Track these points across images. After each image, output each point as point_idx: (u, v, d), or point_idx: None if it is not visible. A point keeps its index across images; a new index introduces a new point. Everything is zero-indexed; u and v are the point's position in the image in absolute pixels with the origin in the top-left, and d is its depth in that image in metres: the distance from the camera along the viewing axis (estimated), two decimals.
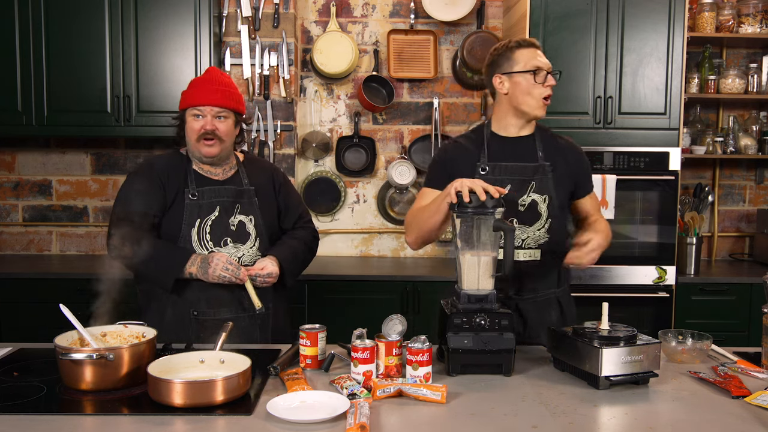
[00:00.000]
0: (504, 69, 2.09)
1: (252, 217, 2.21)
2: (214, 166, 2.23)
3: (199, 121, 2.13)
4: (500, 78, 2.10)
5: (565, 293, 2.26)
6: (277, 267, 2.16)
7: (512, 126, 2.15)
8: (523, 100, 2.07)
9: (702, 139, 3.81)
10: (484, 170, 2.10)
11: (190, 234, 2.14)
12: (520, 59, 2.07)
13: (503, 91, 2.10)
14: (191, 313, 2.14)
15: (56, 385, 1.66)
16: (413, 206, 2.16)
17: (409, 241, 2.15)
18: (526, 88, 2.06)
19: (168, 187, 2.16)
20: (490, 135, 2.16)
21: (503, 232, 1.82)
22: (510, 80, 2.08)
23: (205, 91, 2.13)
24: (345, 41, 3.77)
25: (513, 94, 2.09)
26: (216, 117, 2.14)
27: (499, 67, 2.10)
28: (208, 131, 2.12)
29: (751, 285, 3.44)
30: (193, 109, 2.14)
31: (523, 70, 2.06)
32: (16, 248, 3.96)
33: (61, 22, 3.43)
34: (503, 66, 2.09)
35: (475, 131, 2.22)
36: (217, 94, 2.13)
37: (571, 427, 1.45)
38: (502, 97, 2.12)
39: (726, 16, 3.64)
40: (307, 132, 3.91)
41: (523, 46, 2.09)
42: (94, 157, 3.93)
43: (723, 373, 1.77)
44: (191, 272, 2.10)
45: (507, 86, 2.09)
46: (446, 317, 1.82)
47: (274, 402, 1.51)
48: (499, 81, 2.10)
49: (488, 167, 2.10)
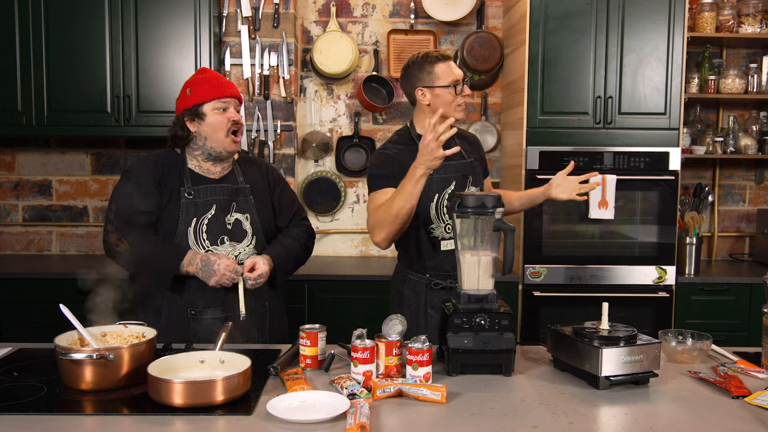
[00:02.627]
0: (425, 82, 2.25)
1: (248, 215, 2.21)
2: (214, 164, 2.22)
3: (225, 114, 2.13)
4: (422, 91, 2.27)
5: None
6: (268, 266, 2.13)
7: None
8: (446, 110, 2.20)
9: (702, 139, 3.81)
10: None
11: (186, 232, 2.13)
12: (440, 74, 2.24)
13: (425, 102, 2.27)
14: (188, 312, 2.14)
15: (56, 385, 1.66)
16: (372, 208, 2.22)
17: (378, 241, 2.20)
18: (447, 99, 2.25)
19: (163, 185, 2.14)
20: (418, 137, 2.28)
21: (503, 232, 1.82)
22: (431, 92, 2.26)
23: (222, 85, 2.14)
24: (345, 41, 3.77)
25: (434, 105, 2.24)
26: (237, 110, 2.17)
27: (420, 80, 2.26)
28: (238, 122, 2.14)
29: (751, 285, 3.44)
30: (217, 102, 2.12)
31: (445, 84, 2.24)
32: (16, 248, 3.96)
33: (61, 22, 3.43)
34: (424, 79, 2.25)
35: (401, 135, 2.35)
36: (232, 87, 2.16)
37: (571, 427, 1.45)
38: (425, 107, 2.29)
39: (726, 16, 3.64)
40: (307, 132, 3.91)
41: (441, 60, 2.25)
42: (94, 157, 3.93)
43: (723, 373, 1.77)
44: (189, 271, 2.09)
45: (429, 98, 2.26)
46: (446, 317, 1.82)
47: (274, 402, 1.51)
48: (422, 93, 2.27)
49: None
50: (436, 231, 2.31)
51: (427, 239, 2.31)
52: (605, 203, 3.35)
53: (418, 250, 2.34)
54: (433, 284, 2.33)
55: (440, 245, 2.32)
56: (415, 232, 2.31)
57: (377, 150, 2.38)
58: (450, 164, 2.28)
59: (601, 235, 3.45)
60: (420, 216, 2.27)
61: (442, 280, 2.32)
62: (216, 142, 2.15)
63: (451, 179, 2.30)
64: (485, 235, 1.85)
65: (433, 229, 2.31)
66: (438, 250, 2.32)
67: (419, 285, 2.36)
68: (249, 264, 2.11)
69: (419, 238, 2.32)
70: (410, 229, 2.25)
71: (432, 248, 2.32)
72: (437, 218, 2.30)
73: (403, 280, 2.41)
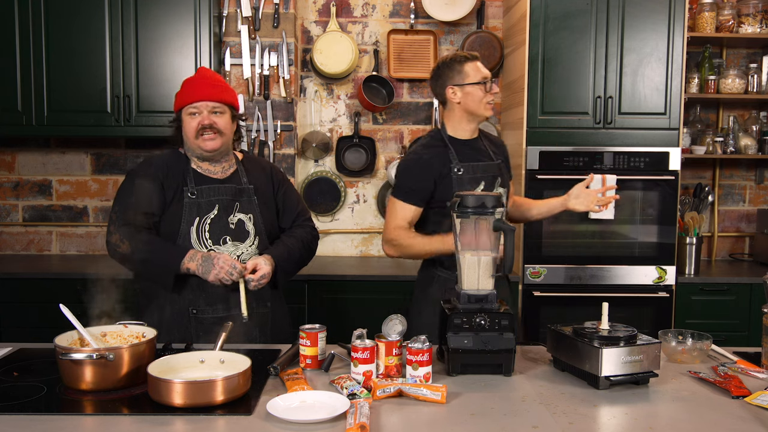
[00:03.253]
0: (456, 81, 2.34)
1: (251, 215, 2.21)
2: (213, 164, 2.22)
3: (196, 118, 2.14)
4: (453, 89, 2.34)
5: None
6: (270, 266, 2.13)
7: (466, 130, 2.41)
8: (476, 107, 2.34)
9: (702, 139, 3.81)
10: (459, 171, 2.33)
11: (189, 232, 2.14)
12: (469, 72, 2.33)
13: (456, 100, 2.35)
14: (190, 311, 2.14)
15: (56, 385, 1.66)
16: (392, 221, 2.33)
17: (389, 254, 2.38)
18: (477, 96, 2.33)
19: (167, 185, 2.16)
20: (449, 139, 2.39)
21: (503, 232, 1.82)
22: (462, 90, 2.34)
23: (199, 88, 2.15)
24: (345, 41, 3.77)
25: (465, 103, 2.34)
26: (212, 112, 2.15)
27: (451, 79, 2.35)
28: (206, 125, 2.13)
29: (751, 285, 3.44)
30: (189, 108, 2.15)
31: (474, 81, 2.32)
32: (16, 248, 3.96)
33: (61, 21, 3.43)
34: (454, 78, 2.34)
35: (433, 137, 2.43)
36: (211, 89, 2.15)
37: (571, 427, 1.45)
38: (455, 105, 2.37)
39: (726, 16, 3.64)
40: (307, 132, 3.91)
41: (470, 59, 2.35)
42: (94, 157, 3.93)
43: (723, 373, 1.77)
44: (189, 267, 2.09)
45: (459, 96, 2.35)
46: (446, 317, 1.82)
47: (274, 402, 1.51)
48: (452, 92, 2.35)
49: (462, 168, 2.34)
50: None
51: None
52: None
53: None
54: None
55: None
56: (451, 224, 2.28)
57: (409, 153, 2.46)
58: (479, 165, 2.37)
59: (601, 235, 3.45)
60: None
61: None
62: (190, 144, 2.19)
63: (481, 179, 2.36)
64: (485, 235, 1.85)
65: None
66: None
67: (449, 282, 2.33)
68: (251, 265, 2.11)
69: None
70: (439, 228, 2.32)
71: None
72: None
73: (431, 278, 2.40)
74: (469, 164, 2.35)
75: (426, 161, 2.34)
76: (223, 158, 2.24)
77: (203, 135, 2.14)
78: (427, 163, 2.33)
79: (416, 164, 2.35)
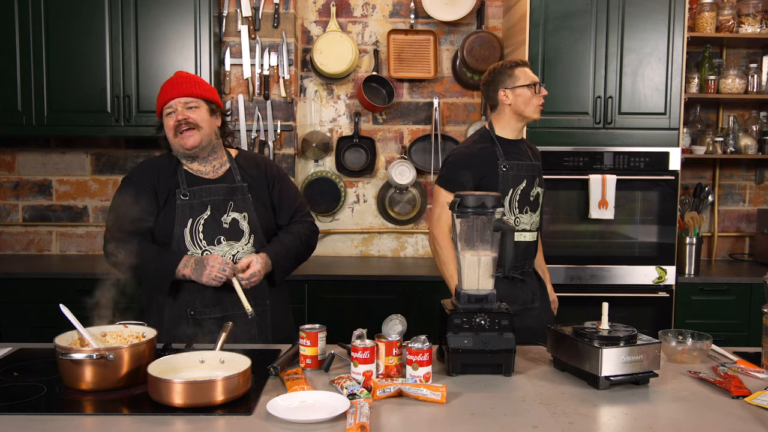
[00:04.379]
0: (507, 84, 2.50)
1: (245, 214, 2.20)
2: (204, 164, 2.22)
3: (172, 116, 2.14)
4: (504, 92, 2.50)
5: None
6: (261, 265, 2.12)
7: (514, 130, 2.56)
8: (525, 108, 2.49)
9: (702, 139, 3.81)
10: (505, 167, 2.48)
11: (183, 234, 2.14)
12: (520, 75, 2.49)
13: (507, 102, 2.50)
14: (188, 313, 2.14)
15: (56, 385, 1.66)
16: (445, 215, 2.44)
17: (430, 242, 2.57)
18: (527, 98, 2.49)
19: (159, 189, 2.17)
20: (497, 138, 2.54)
21: (503, 232, 1.82)
22: (513, 93, 2.49)
23: (171, 87, 2.16)
24: (345, 41, 3.77)
25: (515, 104, 2.49)
26: (187, 107, 2.14)
27: (502, 82, 2.51)
28: (180, 121, 2.13)
29: (751, 285, 3.44)
30: (165, 109, 2.16)
31: (525, 84, 2.48)
32: (16, 248, 3.96)
33: (61, 22, 3.43)
34: (506, 81, 2.50)
35: (482, 135, 2.58)
36: (182, 86, 2.15)
37: (571, 427, 1.45)
38: (506, 107, 2.52)
39: (726, 16, 3.64)
40: (307, 132, 3.91)
41: (521, 65, 2.52)
42: (94, 157, 3.93)
43: (723, 373, 1.77)
44: (185, 274, 2.10)
45: (510, 98, 2.50)
46: (446, 317, 1.82)
47: (274, 402, 1.51)
48: (504, 94, 2.50)
49: (508, 165, 2.48)
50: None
51: None
52: (605, 203, 3.35)
53: None
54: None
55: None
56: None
57: (459, 146, 2.61)
58: (522, 164, 2.52)
59: (601, 235, 3.45)
60: None
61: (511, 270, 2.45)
62: (173, 145, 2.19)
63: (523, 177, 2.51)
64: (485, 235, 1.85)
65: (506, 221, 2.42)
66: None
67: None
68: (243, 263, 2.10)
69: None
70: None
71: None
72: (509, 212, 2.50)
73: None
74: (514, 162, 2.50)
75: (475, 155, 2.49)
76: (212, 157, 2.23)
77: (181, 132, 2.14)
78: (476, 157, 2.48)
79: (466, 157, 2.50)
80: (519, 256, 2.48)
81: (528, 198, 2.51)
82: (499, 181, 2.45)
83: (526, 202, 2.50)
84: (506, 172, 2.47)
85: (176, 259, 2.10)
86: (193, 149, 2.15)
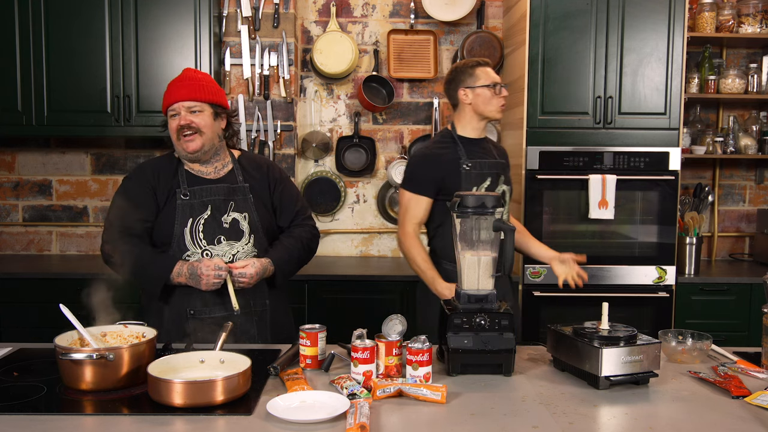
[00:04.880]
0: (468, 83, 2.50)
1: (246, 214, 2.20)
2: (204, 164, 2.22)
3: (176, 119, 2.14)
4: (465, 91, 2.50)
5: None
6: (256, 269, 2.11)
7: (476, 129, 2.56)
8: (485, 108, 2.50)
9: (702, 139, 3.81)
10: (468, 166, 2.47)
11: (183, 233, 2.14)
12: (481, 75, 2.49)
13: (467, 101, 2.51)
14: (188, 312, 2.15)
15: (56, 385, 1.66)
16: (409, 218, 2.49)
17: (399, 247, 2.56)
18: (487, 98, 2.49)
19: (159, 190, 2.17)
20: (459, 137, 2.54)
21: (503, 232, 1.82)
22: (473, 92, 2.49)
23: (176, 89, 2.15)
24: (345, 41, 3.77)
25: (476, 103, 2.50)
26: (190, 111, 2.13)
27: (463, 81, 2.51)
28: (183, 126, 2.13)
29: (751, 285, 3.44)
30: (169, 110, 2.16)
31: (485, 84, 2.48)
32: (16, 248, 3.96)
33: (61, 22, 3.43)
34: (466, 81, 2.50)
35: (443, 135, 2.58)
36: (187, 89, 2.14)
37: (571, 427, 1.45)
38: (466, 106, 2.53)
39: (726, 16, 3.64)
40: (307, 132, 3.91)
41: (482, 65, 2.52)
42: (94, 157, 3.93)
43: (723, 373, 1.77)
44: (180, 282, 2.11)
45: (471, 97, 2.50)
46: (446, 317, 1.82)
47: (274, 402, 1.51)
48: (464, 93, 2.51)
49: (470, 164, 2.48)
50: None
51: None
52: (605, 203, 3.35)
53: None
54: None
55: None
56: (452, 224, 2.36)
57: (421, 148, 2.63)
58: (486, 162, 2.53)
59: (601, 235, 3.45)
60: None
61: None
62: (175, 146, 2.19)
63: (487, 175, 2.51)
64: (485, 235, 1.85)
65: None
66: None
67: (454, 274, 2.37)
68: (240, 264, 2.11)
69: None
70: (447, 221, 2.43)
71: None
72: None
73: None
74: (477, 161, 2.50)
75: (436, 156, 2.50)
76: (214, 158, 2.23)
77: (184, 136, 2.14)
78: (437, 157, 2.49)
79: (427, 158, 2.51)
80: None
81: None
82: (462, 180, 2.46)
83: None
84: (469, 171, 2.47)
85: (169, 264, 2.10)
86: (194, 153, 2.16)
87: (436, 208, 2.50)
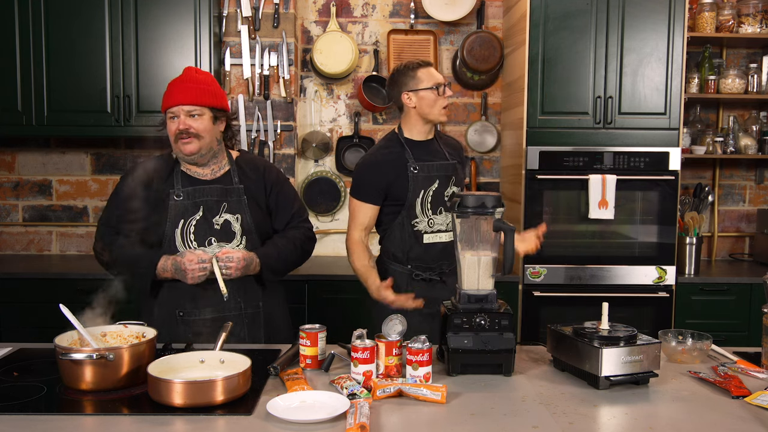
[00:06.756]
0: (410, 87, 2.44)
1: (239, 216, 2.19)
2: (201, 166, 2.22)
3: (174, 122, 2.13)
4: (408, 95, 2.44)
5: None
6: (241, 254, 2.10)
7: (422, 132, 2.50)
8: (429, 111, 2.44)
9: (702, 139, 3.81)
10: (415, 169, 2.44)
11: (174, 235, 2.14)
12: (423, 77, 2.43)
13: (411, 105, 2.45)
14: (177, 314, 2.15)
15: (56, 385, 1.66)
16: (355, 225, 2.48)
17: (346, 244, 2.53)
18: (431, 101, 2.43)
19: (154, 190, 2.17)
20: (405, 140, 2.50)
21: (503, 232, 1.82)
22: (416, 95, 2.43)
23: (177, 92, 2.14)
24: (345, 41, 3.77)
25: (420, 107, 2.44)
26: (189, 115, 2.12)
27: (405, 85, 2.45)
28: (182, 130, 2.12)
29: (751, 285, 3.44)
30: (168, 112, 2.15)
31: (428, 87, 2.42)
32: (16, 248, 3.96)
33: (61, 22, 3.42)
34: (409, 84, 2.44)
35: (390, 139, 2.53)
36: (188, 92, 2.12)
37: (571, 427, 1.45)
38: (411, 110, 2.47)
39: (726, 16, 3.64)
40: (307, 132, 3.91)
41: (423, 66, 2.46)
42: (94, 157, 3.93)
43: (723, 373, 1.77)
44: (166, 276, 2.11)
45: (414, 101, 2.44)
46: (446, 317, 1.82)
47: (274, 402, 1.51)
48: (407, 97, 2.45)
49: (417, 167, 2.44)
50: (420, 225, 2.46)
51: (411, 232, 2.46)
52: (605, 203, 3.35)
53: (402, 243, 2.48)
54: (414, 275, 2.47)
55: (423, 238, 2.47)
56: (399, 226, 2.47)
57: (367, 154, 2.57)
58: (434, 164, 2.47)
59: (601, 235, 3.45)
60: (405, 211, 2.45)
61: (423, 272, 2.47)
62: (173, 147, 2.19)
63: (435, 178, 2.46)
64: (485, 235, 1.85)
65: (417, 223, 2.46)
66: (421, 243, 2.47)
67: (401, 276, 2.48)
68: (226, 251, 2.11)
69: (403, 232, 2.47)
70: (395, 223, 2.46)
71: (415, 241, 2.47)
72: (422, 213, 2.46)
73: (384, 272, 2.49)
74: (425, 164, 2.46)
75: (382, 161, 2.46)
76: (212, 161, 2.23)
77: (181, 139, 2.13)
78: (384, 163, 2.45)
79: (373, 164, 2.47)
80: (435, 257, 2.47)
81: (441, 198, 2.46)
82: (410, 184, 2.42)
83: (439, 203, 2.46)
84: (416, 174, 2.43)
85: (155, 259, 2.11)
86: (191, 156, 2.16)
87: (384, 211, 2.48)
